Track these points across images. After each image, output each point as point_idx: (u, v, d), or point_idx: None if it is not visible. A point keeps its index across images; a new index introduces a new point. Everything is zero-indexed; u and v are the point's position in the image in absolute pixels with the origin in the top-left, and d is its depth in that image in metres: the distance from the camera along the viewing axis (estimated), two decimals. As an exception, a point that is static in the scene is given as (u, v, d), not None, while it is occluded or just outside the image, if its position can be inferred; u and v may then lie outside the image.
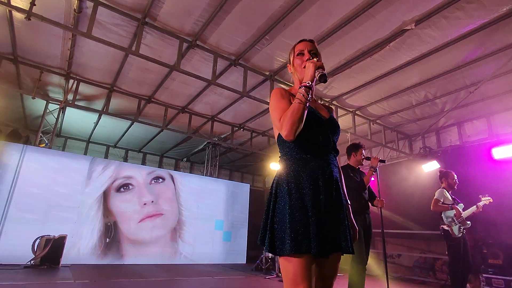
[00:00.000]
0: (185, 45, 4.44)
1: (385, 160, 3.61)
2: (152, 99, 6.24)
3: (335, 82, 5.33)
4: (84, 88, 5.83)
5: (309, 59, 1.43)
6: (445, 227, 3.81)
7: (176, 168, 10.31)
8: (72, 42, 4.52)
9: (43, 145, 6.44)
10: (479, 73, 4.70)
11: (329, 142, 1.39)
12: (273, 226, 1.27)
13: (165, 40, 4.39)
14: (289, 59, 1.57)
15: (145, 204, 7.06)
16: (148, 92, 6.01)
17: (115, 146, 9.42)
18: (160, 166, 9.97)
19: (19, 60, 5.08)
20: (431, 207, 3.92)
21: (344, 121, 6.54)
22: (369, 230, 3.30)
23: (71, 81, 5.58)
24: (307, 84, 1.28)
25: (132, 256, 6.62)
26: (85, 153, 8.77)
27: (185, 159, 10.45)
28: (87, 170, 6.55)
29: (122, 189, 6.91)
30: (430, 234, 6.26)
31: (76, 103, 5.89)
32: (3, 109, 6.61)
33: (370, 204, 3.49)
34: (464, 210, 3.92)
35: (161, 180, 7.52)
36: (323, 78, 1.29)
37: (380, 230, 3.46)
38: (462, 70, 4.65)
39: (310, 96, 1.28)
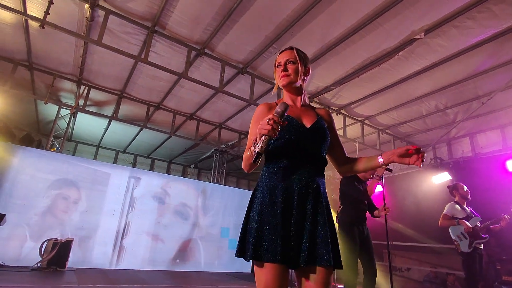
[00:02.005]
0: (193, 53, 4.49)
1: (391, 169, 3.53)
2: (161, 106, 6.32)
3: (343, 91, 5.29)
4: (95, 94, 5.95)
5: (285, 73, 1.44)
6: (455, 243, 3.69)
7: (184, 174, 10.36)
8: (84, 49, 4.63)
9: (54, 149, 6.56)
10: (492, 84, 4.59)
11: (309, 151, 1.36)
12: (245, 233, 1.29)
13: (174, 48, 4.46)
14: None
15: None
16: (157, 98, 6.09)
17: (124, 152, 9.55)
18: (168, 172, 10.03)
19: (34, 66, 5.23)
20: (439, 222, 3.80)
21: (352, 130, 6.46)
22: (368, 240, 3.23)
23: (82, 87, 5.70)
24: (253, 149, 1.18)
25: (136, 262, 6.62)
26: (95, 158, 8.91)
27: (192, 166, 10.50)
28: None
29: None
30: (441, 247, 6.06)
31: (86, 108, 6.02)
32: (18, 114, 6.80)
33: (370, 215, 3.44)
34: (481, 223, 3.76)
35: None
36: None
37: (385, 242, 3.38)
38: (474, 80, 4.56)
39: (254, 158, 1.18)
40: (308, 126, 1.41)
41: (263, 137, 1.16)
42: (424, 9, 3.45)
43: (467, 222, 3.64)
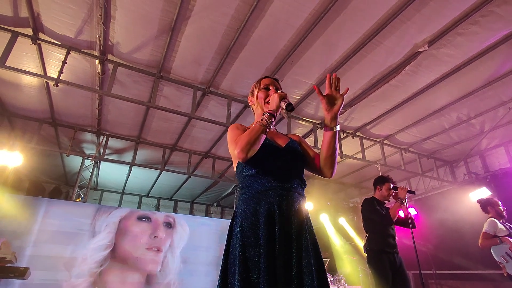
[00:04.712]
0: (199, 93, 4.62)
1: (415, 191, 3.24)
2: (176, 147, 6.44)
3: (355, 113, 5.14)
4: (113, 143, 6.21)
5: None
6: (500, 265, 3.21)
7: (207, 214, 10.25)
8: (99, 101, 4.91)
9: (79, 199, 6.78)
10: (515, 87, 4.28)
11: (290, 169, 1.32)
12: (226, 267, 1.16)
13: (180, 90, 4.61)
14: (252, 92, 1.58)
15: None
16: (172, 140, 6.23)
17: (147, 196, 9.69)
18: (191, 213, 9.98)
19: (57, 122, 5.60)
20: (479, 243, 3.36)
21: (372, 152, 6.18)
22: (402, 271, 2.88)
23: (101, 137, 5.98)
24: (271, 112, 1.30)
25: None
26: (120, 205, 9.09)
27: (215, 204, 10.40)
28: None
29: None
30: (495, 274, 5.31)
31: (107, 157, 6.26)
32: (45, 169, 7.19)
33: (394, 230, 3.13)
34: None
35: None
36: (289, 107, 1.31)
37: (429, 272, 3.00)
38: (493, 86, 4.27)
39: (272, 123, 1.29)
40: (282, 146, 1.41)
41: (284, 100, 1.32)
42: (423, 21, 3.36)
43: (511, 240, 3.19)
